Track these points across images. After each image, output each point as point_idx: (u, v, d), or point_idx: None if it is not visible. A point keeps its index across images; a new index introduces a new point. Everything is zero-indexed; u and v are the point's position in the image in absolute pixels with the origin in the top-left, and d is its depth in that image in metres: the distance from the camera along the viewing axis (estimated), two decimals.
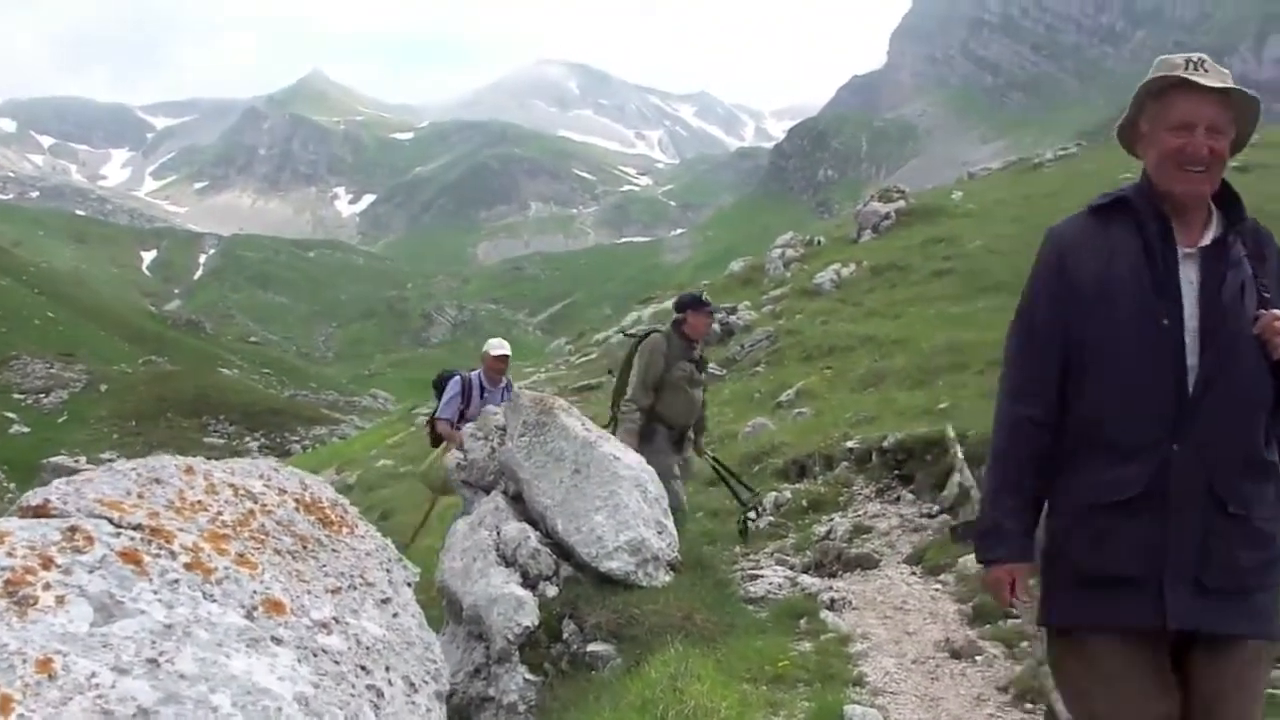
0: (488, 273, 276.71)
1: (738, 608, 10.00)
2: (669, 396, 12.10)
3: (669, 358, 12.09)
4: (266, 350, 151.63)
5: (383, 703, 3.15)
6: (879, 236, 41.38)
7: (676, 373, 12.08)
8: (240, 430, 79.40)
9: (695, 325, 12.44)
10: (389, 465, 38.82)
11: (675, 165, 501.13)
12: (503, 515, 10.22)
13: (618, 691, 7.67)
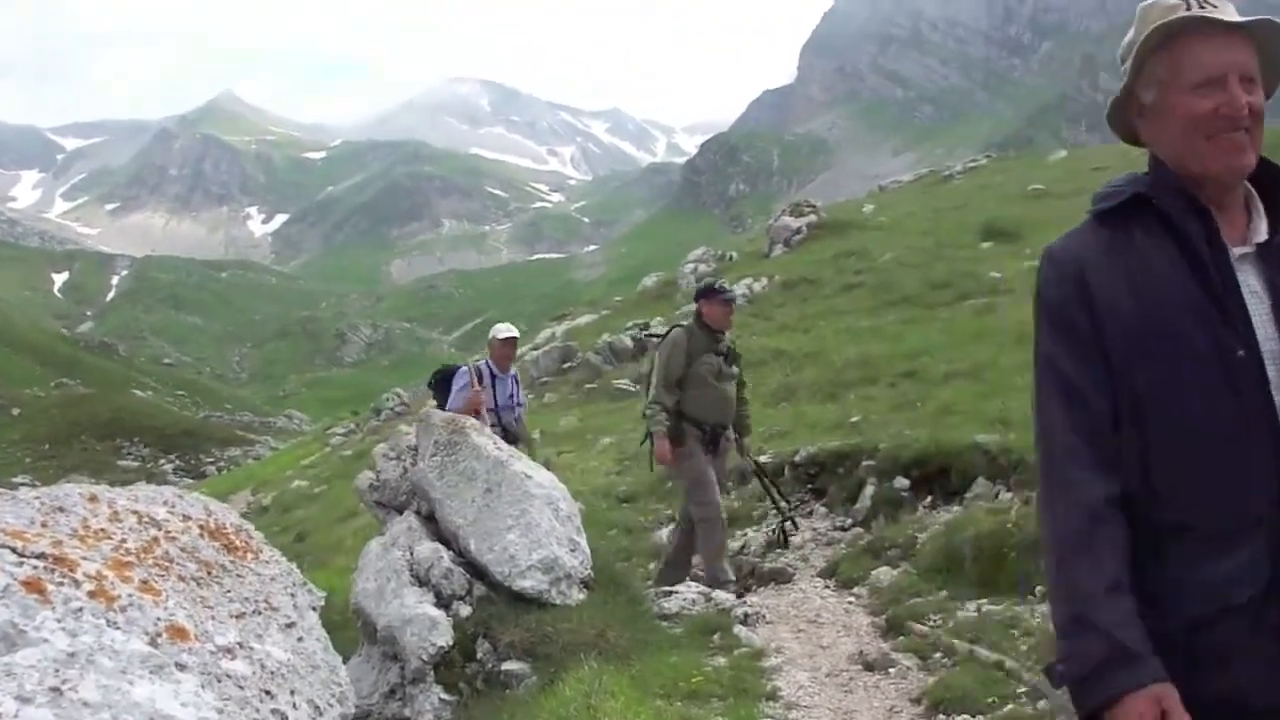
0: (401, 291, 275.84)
1: (651, 624, 10.00)
2: (695, 393, 11.76)
3: (691, 352, 11.74)
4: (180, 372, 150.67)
5: None
6: (791, 251, 41.57)
7: (701, 367, 11.71)
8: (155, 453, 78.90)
9: (712, 314, 12.02)
10: (304, 486, 38.66)
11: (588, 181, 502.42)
12: (416, 535, 10.20)
13: (532, 710, 7.68)
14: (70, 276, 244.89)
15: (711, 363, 11.79)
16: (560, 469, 18.58)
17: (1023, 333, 19.45)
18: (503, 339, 13.82)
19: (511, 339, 13.94)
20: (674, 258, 58.19)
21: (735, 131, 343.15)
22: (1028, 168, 55.84)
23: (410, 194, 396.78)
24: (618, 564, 12.04)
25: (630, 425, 24.23)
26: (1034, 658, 7.94)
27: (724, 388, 11.94)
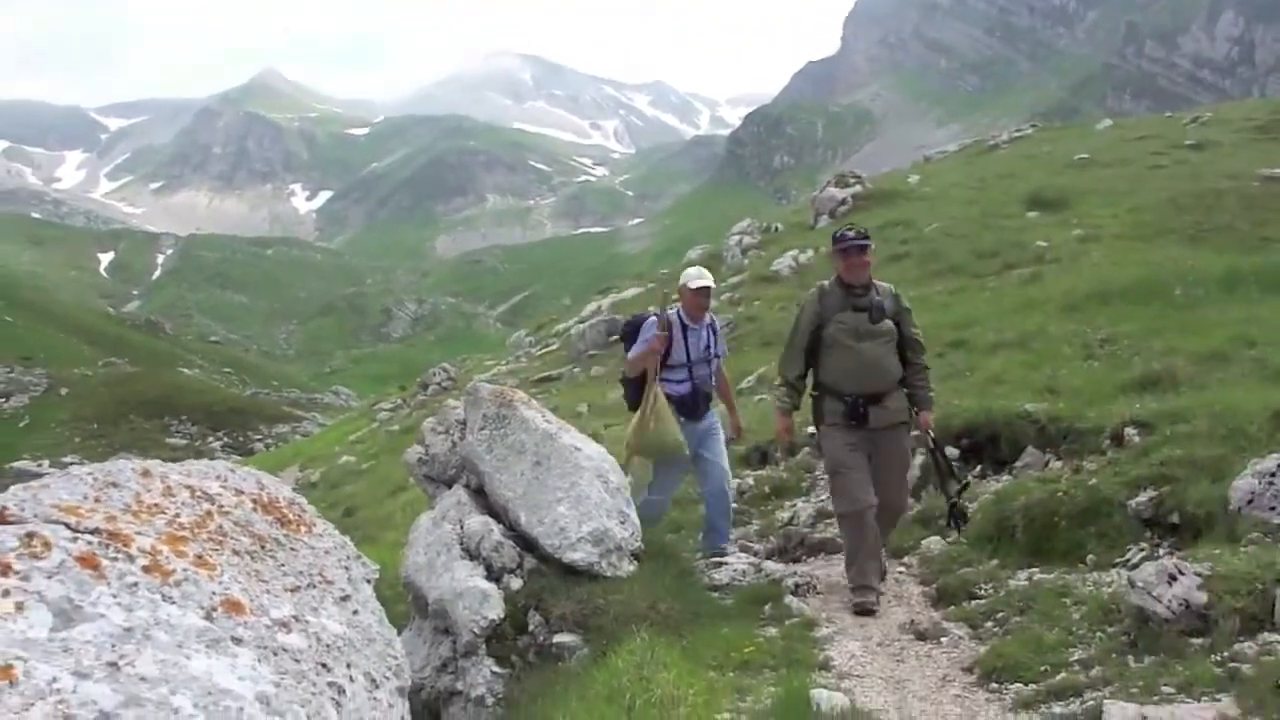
0: (446, 266, 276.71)
1: (702, 595, 10.00)
2: (828, 358, 10.33)
3: (823, 312, 10.30)
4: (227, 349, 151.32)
5: (344, 699, 3.15)
6: (836, 222, 41.33)
7: (834, 328, 10.20)
8: (203, 430, 79.27)
9: (847, 267, 10.33)
10: (352, 461, 38.80)
11: (631, 155, 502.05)
12: (465, 509, 10.20)
13: (585, 682, 7.68)
14: (116, 256, 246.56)
15: (847, 321, 10.20)
16: (608, 441, 18.58)
17: (1069, 302, 19.41)
18: (694, 289, 12.13)
19: (704, 288, 12.14)
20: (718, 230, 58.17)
21: (779, 103, 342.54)
22: (1073, 137, 55.46)
23: (454, 169, 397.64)
24: (667, 535, 12.01)
25: None
26: (1087, 625, 7.91)
27: (865, 349, 10.18)
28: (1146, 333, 15.53)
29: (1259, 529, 8.29)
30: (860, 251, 10.38)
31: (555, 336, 45.80)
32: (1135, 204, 32.52)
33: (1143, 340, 15.07)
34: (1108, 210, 32.31)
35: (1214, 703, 6.34)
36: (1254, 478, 8.67)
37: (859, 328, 10.22)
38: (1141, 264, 22.61)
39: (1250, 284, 18.65)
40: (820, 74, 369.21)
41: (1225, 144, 43.83)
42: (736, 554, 11.91)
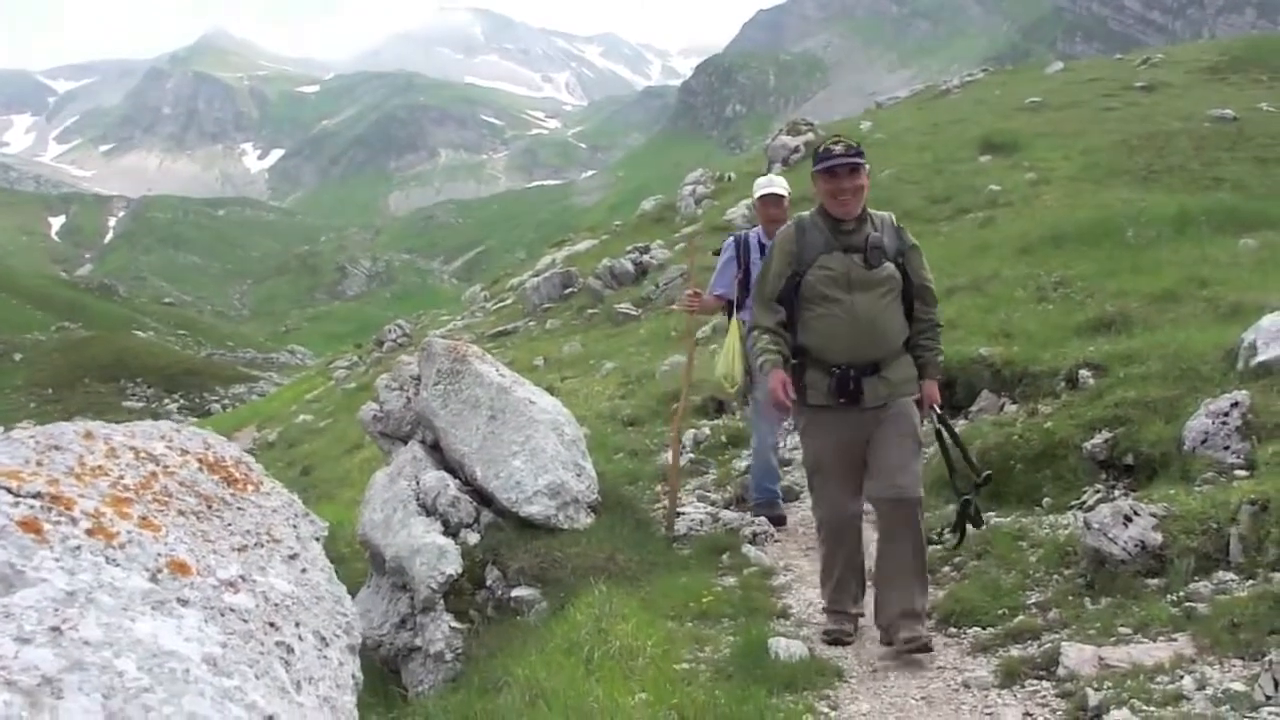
0: (400, 223, 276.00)
1: (660, 546, 10.01)
2: (809, 315, 7.63)
3: (801, 254, 7.65)
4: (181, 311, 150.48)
5: (293, 659, 3.12)
6: (789, 169, 41.24)
7: (817, 274, 7.55)
8: (159, 393, 79.01)
9: (833, 194, 7.58)
10: (309, 420, 38.72)
11: (583, 107, 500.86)
12: (421, 465, 10.19)
13: (544, 635, 7.69)
14: (67, 220, 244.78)
15: (834, 267, 7.53)
16: (564, 394, 18.57)
17: (1022, 245, 19.45)
18: (762, 196, 10.87)
19: (771, 196, 10.82)
20: (672, 181, 58.14)
21: (730, 52, 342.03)
22: (1024, 81, 55.56)
23: (406, 125, 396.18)
24: (624, 487, 12.01)
25: (633, 349, 24.21)
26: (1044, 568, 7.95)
27: (859, 303, 7.52)
28: (1099, 274, 15.57)
29: (1212, 469, 8.34)
30: (852, 173, 7.53)
31: (510, 291, 45.69)
32: (1087, 146, 32.63)
33: (1096, 282, 15.10)
34: (1059, 153, 32.42)
35: (1170, 642, 6.38)
36: (1207, 417, 8.71)
37: (851, 275, 7.51)
38: (1094, 206, 22.71)
39: (1201, 224, 18.76)
40: (771, 22, 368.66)
41: (1176, 85, 44.03)
42: (694, 503, 11.93)
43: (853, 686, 7.01)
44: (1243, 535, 6.95)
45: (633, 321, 28.88)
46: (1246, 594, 6.44)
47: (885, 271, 7.57)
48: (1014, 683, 6.53)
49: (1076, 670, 6.34)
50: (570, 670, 6.73)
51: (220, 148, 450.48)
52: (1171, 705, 5.60)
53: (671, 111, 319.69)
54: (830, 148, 7.67)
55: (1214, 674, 5.85)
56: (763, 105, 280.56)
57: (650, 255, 34.70)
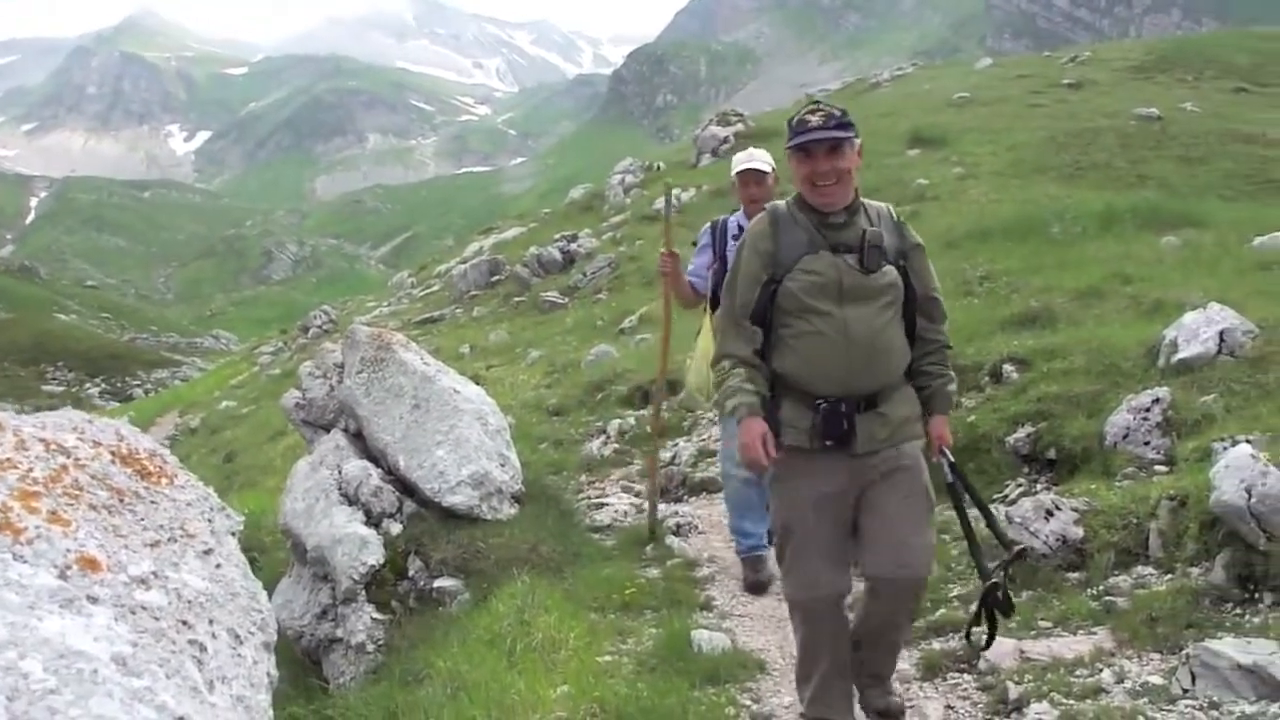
0: (327, 207, 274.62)
1: (584, 537, 9.99)
2: (789, 334, 5.79)
3: (778, 255, 5.83)
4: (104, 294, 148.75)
5: (206, 657, 3.07)
6: (718, 160, 41.36)
7: (799, 282, 5.71)
8: (80, 377, 78.02)
9: (812, 179, 5.73)
10: (232, 406, 38.40)
11: (514, 94, 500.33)
12: (344, 454, 10.09)
13: (466, 626, 7.67)
14: None
15: (821, 271, 5.71)
16: (490, 383, 18.53)
17: (949, 239, 19.55)
18: (740, 172, 8.92)
19: (752, 172, 8.86)
20: (602, 169, 58.09)
21: (662, 41, 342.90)
22: (953, 76, 56.01)
23: (334, 109, 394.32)
24: (549, 477, 11.99)
25: (559, 337, 24.17)
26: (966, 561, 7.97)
27: (852, 318, 5.69)
28: (1025, 270, 15.71)
29: (1133, 464, 8.43)
30: (832, 151, 5.68)
31: (437, 278, 45.52)
32: (1014, 142, 32.88)
33: (1021, 277, 15.24)
34: (987, 148, 32.64)
35: (1090, 636, 6.45)
36: (1129, 413, 8.80)
37: (843, 281, 5.71)
38: (1020, 201, 22.88)
39: (1126, 221, 18.97)
40: (703, 12, 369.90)
41: (1102, 83, 44.51)
42: (619, 494, 11.90)
43: (775, 679, 7.03)
44: (1162, 530, 7.03)
45: (559, 310, 28.84)
46: (1165, 588, 6.55)
47: (885, 278, 5.72)
48: (936, 675, 6.60)
49: (997, 663, 6.41)
50: (492, 662, 6.72)
51: (146, 129, 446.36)
52: (1090, 698, 5.69)
53: (602, 100, 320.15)
54: (805, 118, 5.73)
55: (1132, 667, 5.92)
56: (694, 95, 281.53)
57: (578, 244, 34.66)
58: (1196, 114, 35.84)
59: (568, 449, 14.27)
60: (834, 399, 5.64)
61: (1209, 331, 9.52)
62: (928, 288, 5.99)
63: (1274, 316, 9.75)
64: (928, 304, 5.96)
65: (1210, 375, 9.12)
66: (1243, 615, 6.15)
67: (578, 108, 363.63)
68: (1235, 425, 8.08)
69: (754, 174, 8.87)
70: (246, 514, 11.71)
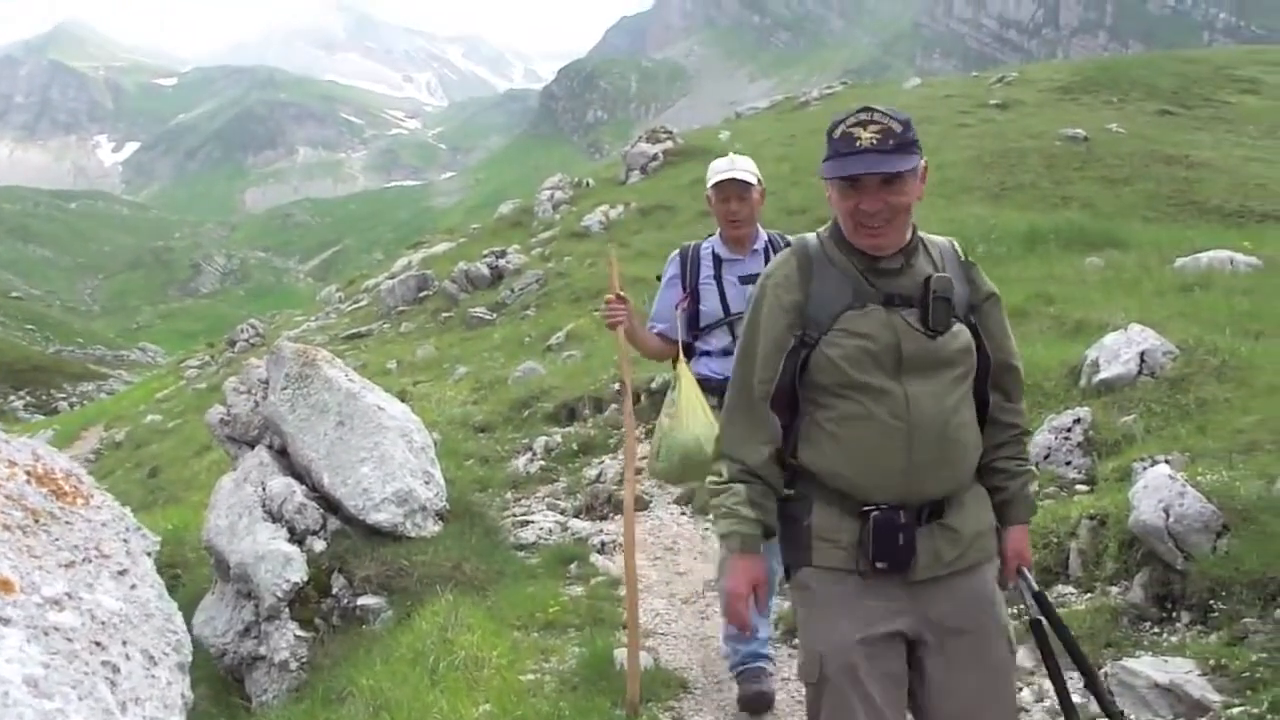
0: (256, 220, 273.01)
1: (508, 555, 9.97)
2: (823, 415, 4.18)
3: (809, 309, 4.20)
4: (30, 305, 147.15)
5: (119, 678, 3.06)
6: (647, 177, 41.52)
7: (840, 347, 4.09)
8: (4, 389, 77.16)
9: (857, 208, 4.07)
10: (158, 420, 38.07)
11: (444, 108, 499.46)
12: (268, 470, 10.05)
13: (389, 644, 7.66)
14: None
15: (870, 333, 4.10)
16: (416, 399, 18.48)
17: None
18: (718, 184, 7.04)
19: (733, 183, 6.98)
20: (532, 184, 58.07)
21: (593, 58, 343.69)
22: (882, 95, 56.26)
23: (264, 121, 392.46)
24: (474, 494, 11.95)
25: (487, 353, 24.10)
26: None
27: (914, 394, 4.08)
28: None
29: (1054, 483, 8.51)
30: (889, 184, 4.07)
31: (365, 292, 45.37)
32: (941, 162, 33.05)
33: None
34: None
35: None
36: (1050, 433, 8.89)
37: (901, 347, 4.13)
38: (945, 221, 22.99)
39: (1050, 242, 19.16)
40: (635, 29, 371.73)
41: (1029, 104, 44.89)
42: (544, 512, 11.89)
43: (697, 698, 7.05)
44: (1082, 549, 7.11)
45: (487, 326, 28.77)
46: (1084, 607, 6.63)
47: (957, 341, 4.16)
48: None
49: None
50: (415, 681, 6.72)
51: (74, 139, 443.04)
52: None
53: (533, 115, 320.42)
54: (852, 131, 4.09)
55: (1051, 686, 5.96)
56: (624, 112, 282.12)
57: (506, 260, 34.57)
58: (1121, 135, 36.20)
59: (494, 466, 14.24)
60: (888, 506, 4.06)
61: (1130, 352, 9.62)
62: (1006, 354, 4.39)
63: (1194, 337, 9.86)
64: (1005, 375, 4.39)
65: (1131, 395, 9.22)
66: (1160, 634, 6.23)
67: (508, 122, 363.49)
68: (1155, 445, 8.17)
69: (736, 186, 6.99)
70: (170, 530, 11.71)
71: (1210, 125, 39.72)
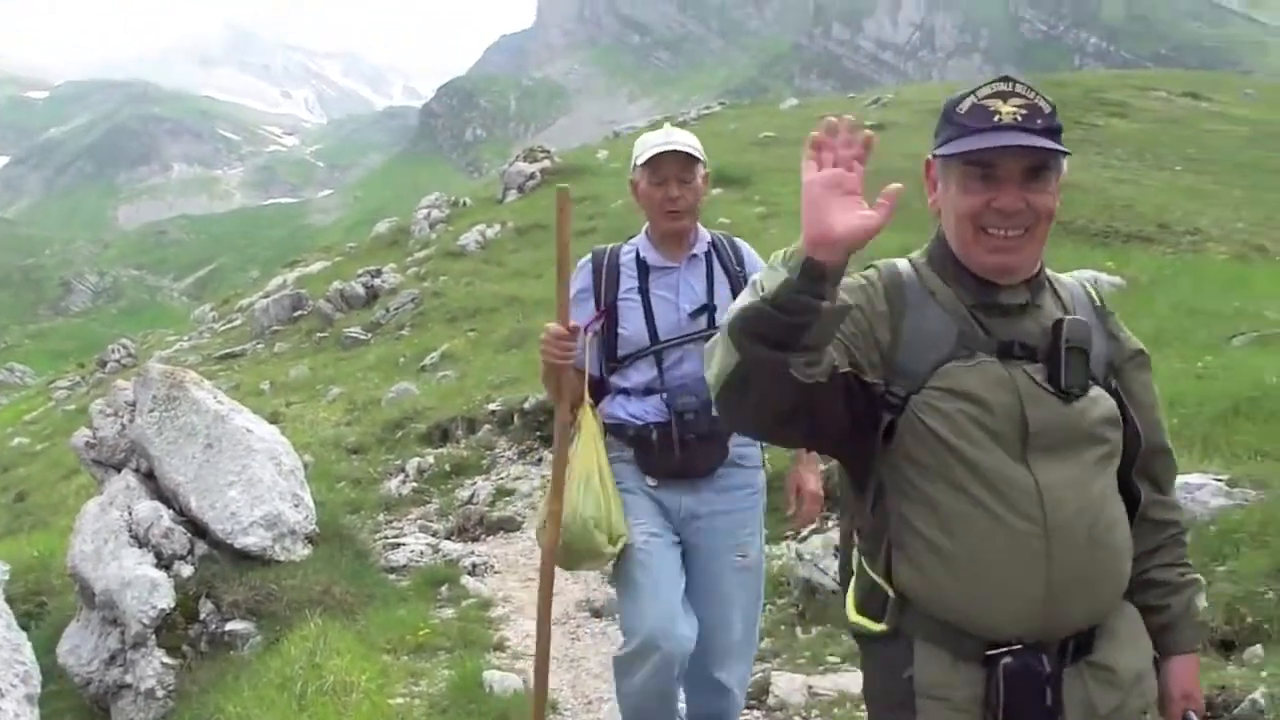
0: (130, 237, 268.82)
1: (378, 578, 9.97)
2: (923, 515, 2.96)
3: (898, 348, 3.04)
4: None
5: None
6: (524, 196, 41.49)
7: (943, 404, 2.93)
8: None
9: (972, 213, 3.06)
10: (25, 443, 37.42)
11: (323, 125, 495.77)
12: (135, 494, 9.93)
13: (257, 670, 7.63)
14: None
15: (985, 391, 2.93)
16: (289, 420, 18.37)
17: None
18: (654, 158, 5.24)
19: (675, 156, 5.21)
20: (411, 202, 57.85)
21: (472, 76, 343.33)
22: (760, 115, 56.85)
23: (139, 136, 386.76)
24: (345, 517, 11.91)
25: (360, 374, 23.99)
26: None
27: (1048, 481, 2.91)
28: None
29: None
30: (1034, 175, 3.05)
31: (239, 312, 44.92)
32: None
33: None
34: (789, 187, 33.04)
35: None
36: None
37: (1026, 414, 2.94)
38: None
39: None
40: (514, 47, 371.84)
41: (905, 125, 45.46)
42: (415, 534, 11.88)
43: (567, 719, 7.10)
44: None
45: (362, 346, 28.60)
46: None
47: (1098, 409, 3.08)
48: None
49: (786, 699, 6.53)
50: (283, 706, 6.71)
51: None
52: None
53: (412, 133, 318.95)
54: (985, 103, 3.10)
55: None
56: (503, 130, 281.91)
57: (382, 279, 34.37)
58: None
59: (366, 488, 14.22)
60: (1023, 646, 2.93)
61: None
62: (1159, 431, 3.28)
63: None
64: (1157, 459, 3.27)
65: None
66: None
67: (387, 140, 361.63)
68: None
69: (676, 162, 5.21)
70: (35, 556, 11.54)
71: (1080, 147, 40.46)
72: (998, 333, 3.00)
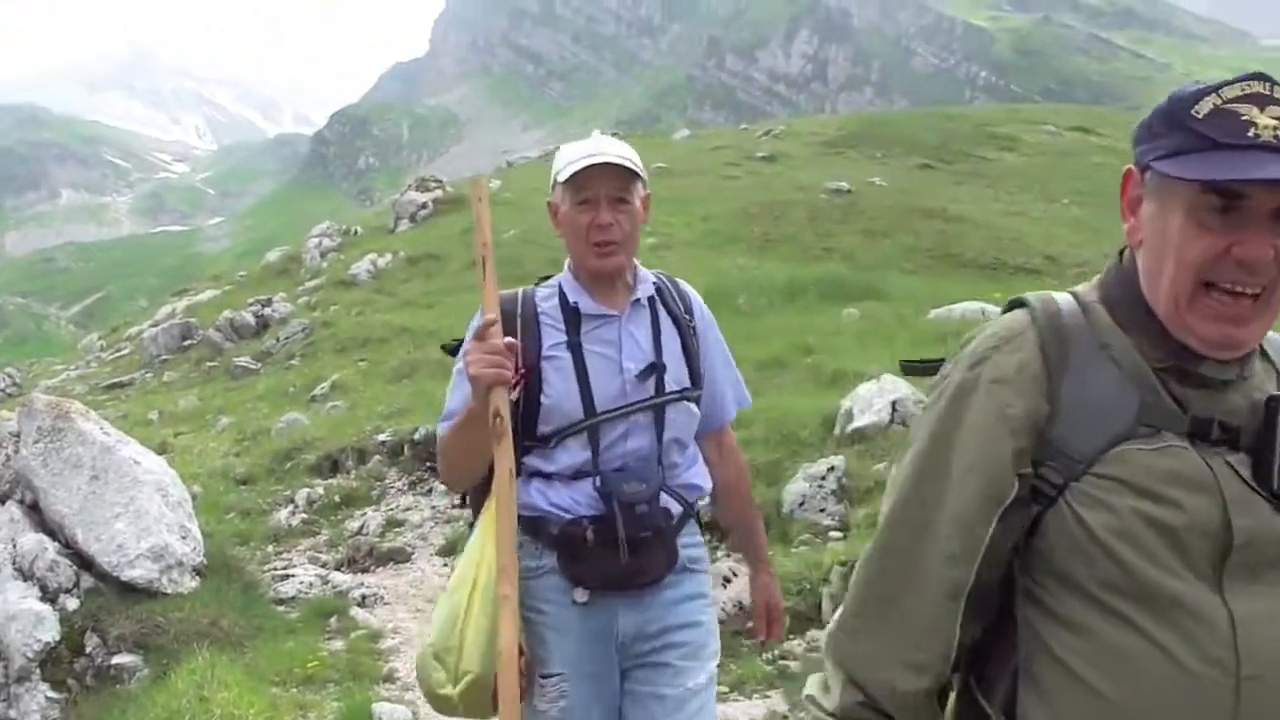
0: (16, 265, 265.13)
1: (267, 609, 9.91)
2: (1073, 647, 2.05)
3: (1055, 421, 2.11)
4: None
5: None
6: (416, 226, 41.46)
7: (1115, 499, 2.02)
8: None
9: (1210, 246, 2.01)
10: None
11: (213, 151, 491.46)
12: (19, 527, 9.82)
13: (144, 704, 7.56)
14: None
15: (1175, 500, 1.99)
16: (178, 451, 18.21)
17: None
18: (576, 175, 3.92)
19: (607, 169, 3.93)
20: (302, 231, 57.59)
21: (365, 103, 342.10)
22: (652, 146, 56.92)
23: (25, 162, 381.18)
24: (234, 548, 11.83)
25: (250, 404, 23.80)
26: None
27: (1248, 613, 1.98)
28: None
29: (809, 530, 8.77)
30: None
31: (128, 340, 44.38)
32: (708, 213, 33.66)
33: None
34: (681, 219, 33.30)
35: (765, 700, 6.70)
36: (805, 481, 9.18)
37: (1229, 521, 1.99)
38: (710, 272, 23.40)
39: (810, 293, 19.66)
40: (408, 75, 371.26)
41: (796, 157, 45.97)
42: (305, 565, 11.83)
43: None
44: (834, 595, 7.37)
45: (252, 376, 28.34)
46: None
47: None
48: None
49: None
50: None
51: None
52: None
53: (303, 160, 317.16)
54: (1235, 108, 2.01)
55: None
56: (395, 158, 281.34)
57: (273, 308, 34.13)
58: (884, 188, 37.31)
59: (255, 519, 14.09)
60: None
61: (882, 401, 9.97)
62: None
63: None
64: None
65: (883, 444, 9.55)
66: None
67: (279, 167, 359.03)
68: None
69: (609, 178, 4.02)
70: None
71: (969, 180, 41.16)
72: (1200, 409, 2.11)
